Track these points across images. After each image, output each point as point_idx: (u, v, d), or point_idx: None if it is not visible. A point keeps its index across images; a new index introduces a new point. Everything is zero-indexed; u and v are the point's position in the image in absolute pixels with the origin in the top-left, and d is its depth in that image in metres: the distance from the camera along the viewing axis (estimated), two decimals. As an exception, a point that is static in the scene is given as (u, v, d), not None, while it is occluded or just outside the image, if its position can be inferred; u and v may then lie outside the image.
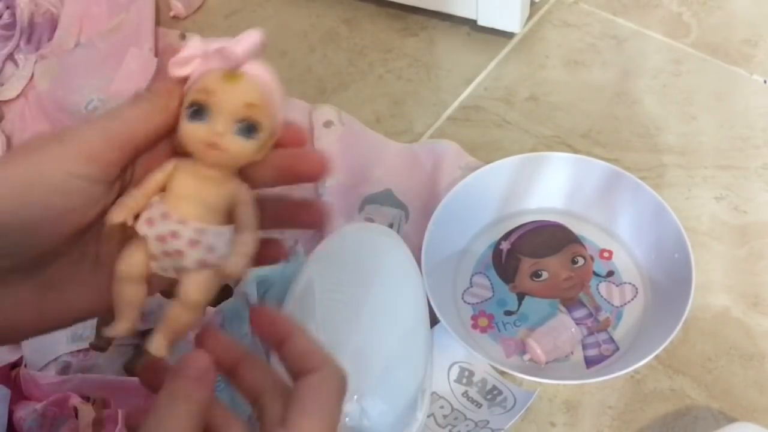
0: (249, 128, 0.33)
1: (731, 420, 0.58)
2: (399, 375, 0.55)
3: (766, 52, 0.81)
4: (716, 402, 0.59)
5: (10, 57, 0.86)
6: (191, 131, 0.33)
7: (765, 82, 0.79)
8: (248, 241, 0.35)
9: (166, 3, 0.92)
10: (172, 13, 0.92)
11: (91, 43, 0.87)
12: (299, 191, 0.74)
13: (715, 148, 0.74)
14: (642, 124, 0.77)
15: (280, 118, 0.34)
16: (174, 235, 0.33)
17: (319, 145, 0.75)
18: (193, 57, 0.33)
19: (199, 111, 0.32)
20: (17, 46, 0.86)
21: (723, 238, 0.67)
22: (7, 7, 0.87)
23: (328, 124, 0.76)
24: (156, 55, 0.85)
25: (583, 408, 0.60)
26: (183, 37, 0.89)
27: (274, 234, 0.38)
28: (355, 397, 0.52)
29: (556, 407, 0.60)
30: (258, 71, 0.33)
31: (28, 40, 0.87)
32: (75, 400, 0.56)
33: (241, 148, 0.33)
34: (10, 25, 0.86)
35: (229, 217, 0.35)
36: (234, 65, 0.33)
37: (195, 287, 0.34)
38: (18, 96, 0.84)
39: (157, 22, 0.91)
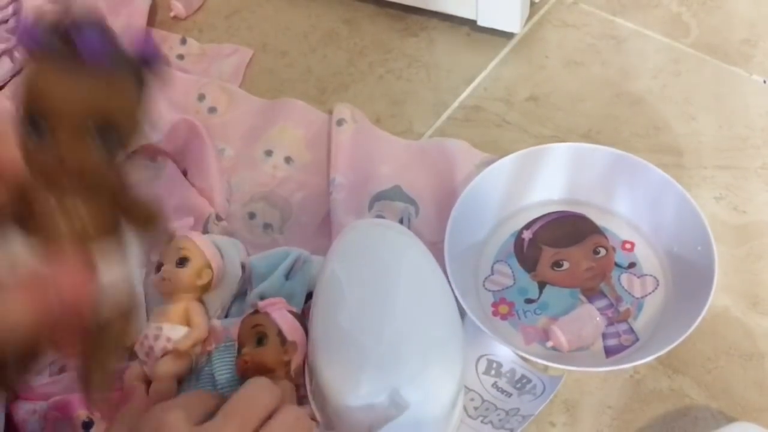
0: None
1: (731, 420, 0.58)
2: (439, 369, 0.56)
3: (765, 52, 0.81)
4: (716, 402, 0.59)
5: (8, 53, 0.86)
6: None
7: (764, 82, 0.79)
8: None
9: (166, 3, 0.92)
10: (172, 14, 0.92)
11: None
12: (309, 187, 0.74)
13: (714, 148, 0.74)
14: (641, 124, 0.77)
15: None
16: None
17: (333, 143, 0.75)
18: None
19: None
20: (17, 44, 0.86)
21: (723, 238, 0.67)
22: (14, 13, 0.87)
23: (340, 122, 0.76)
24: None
25: (582, 408, 0.60)
26: (184, 41, 0.89)
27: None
28: (386, 387, 0.53)
29: (556, 407, 0.60)
30: None
31: (29, 41, 0.87)
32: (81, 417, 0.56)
33: None
34: (13, 30, 0.87)
35: None
36: None
37: None
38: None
39: (157, 23, 0.92)
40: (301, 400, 0.58)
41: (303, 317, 0.60)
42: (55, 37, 0.25)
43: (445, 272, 0.61)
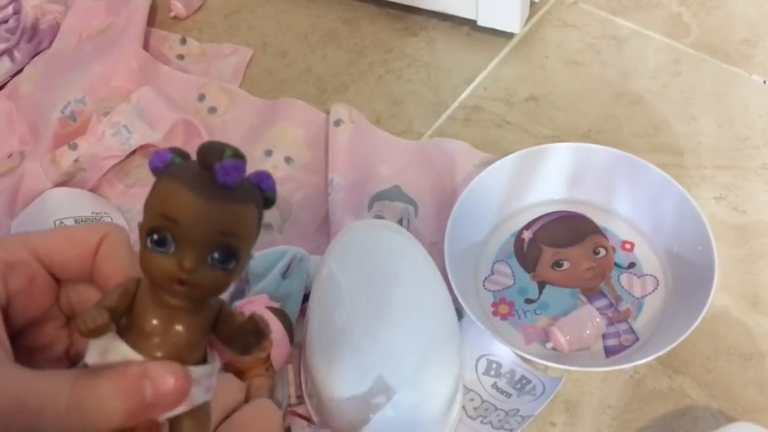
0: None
1: (731, 419, 0.58)
2: (436, 370, 0.56)
3: (765, 52, 0.81)
4: (716, 402, 0.59)
5: (8, 53, 0.86)
6: None
7: (764, 82, 0.79)
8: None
9: (166, 3, 0.92)
10: (172, 14, 0.92)
11: (80, 48, 0.87)
12: (309, 186, 0.74)
13: (714, 148, 0.74)
14: (641, 124, 0.77)
15: None
16: None
17: (330, 144, 0.75)
18: None
19: None
20: (17, 44, 0.86)
21: (723, 238, 0.67)
22: (15, 12, 0.87)
23: (338, 122, 0.76)
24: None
25: (582, 408, 0.60)
26: (184, 41, 0.89)
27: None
28: (382, 388, 0.53)
29: (556, 407, 0.60)
30: None
31: (29, 41, 0.87)
32: None
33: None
34: (14, 29, 0.87)
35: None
36: None
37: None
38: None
39: (157, 23, 0.92)
40: (298, 401, 0.58)
41: (284, 312, 0.60)
42: (190, 161, 0.27)
43: (444, 272, 0.61)
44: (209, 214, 0.26)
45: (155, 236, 0.26)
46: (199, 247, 0.26)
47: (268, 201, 0.28)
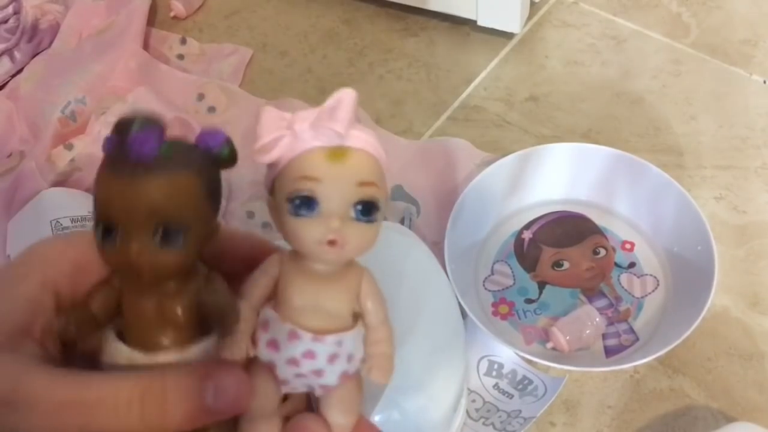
0: (367, 210, 0.27)
1: (730, 420, 0.58)
2: (441, 372, 0.55)
3: (765, 52, 0.81)
4: (715, 402, 0.59)
5: (8, 53, 0.86)
6: (301, 230, 0.27)
7: (764, 82, 0.79)
8: (386, 337, 0.30)
9: (166, 3, 0.92)
10: (172, 14, 0.92)
11: (79, 47, 0.87)
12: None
13: (714, 148, 0.74)
14: (641, 124, 0.77)
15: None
16: (310, 354, 0.27)
17: None
18: (280, 139, 0.27)
19: (305, 203, 0.26)
20: (17, 44, 0.86)
21: (723, 238, 0.67)
22: (15, 12, 0.87)
23: None
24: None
25: (582, 408, 0.60)
26: (184, 41, 0.89)
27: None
28: (386, 391, 0.53)
29: (556, 407, 0.60)
30: (362, 140, 0.27)
31: (29, 40, 0.87)
32: None
33: (361, 236, 0.28)
34: (13, 29, 0.87)
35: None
36: (337, 141, 0.27)
37: (341, 406, 0.29)
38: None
39: (157, 23, 0.92)
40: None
41: None
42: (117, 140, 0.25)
43: (445, 272, 0.61)
44: (134, 194, 0.24)
45: (101, 227, 0.25)
46: (136, 230, 0.24)
47: (221, 158, 0.26)
